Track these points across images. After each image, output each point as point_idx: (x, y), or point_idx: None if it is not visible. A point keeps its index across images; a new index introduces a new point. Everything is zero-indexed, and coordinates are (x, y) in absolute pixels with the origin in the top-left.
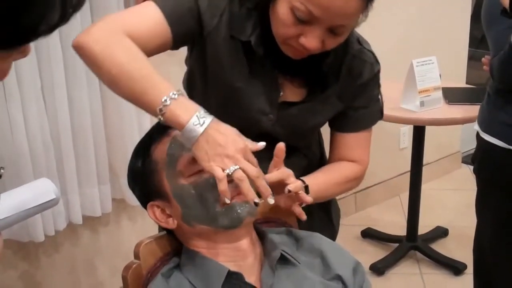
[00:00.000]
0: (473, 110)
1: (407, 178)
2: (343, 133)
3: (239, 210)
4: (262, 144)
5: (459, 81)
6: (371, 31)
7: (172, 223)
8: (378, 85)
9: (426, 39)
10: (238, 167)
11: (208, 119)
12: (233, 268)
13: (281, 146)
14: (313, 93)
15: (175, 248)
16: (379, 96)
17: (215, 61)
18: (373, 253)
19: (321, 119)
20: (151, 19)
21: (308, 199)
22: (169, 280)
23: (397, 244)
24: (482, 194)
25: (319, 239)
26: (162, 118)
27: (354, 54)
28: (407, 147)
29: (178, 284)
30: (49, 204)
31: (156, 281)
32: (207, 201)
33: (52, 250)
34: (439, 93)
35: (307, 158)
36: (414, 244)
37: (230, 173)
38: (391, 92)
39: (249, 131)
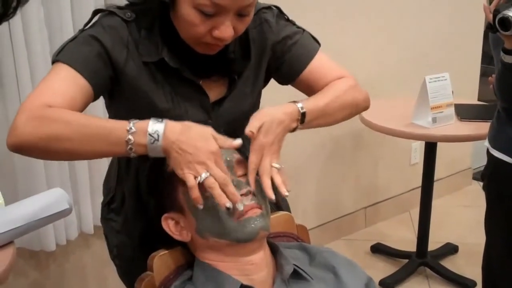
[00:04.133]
0: (485, 127)
1: (417, 194)
2: (301, 73)
3: (253, 224)
4: (238, 142)
5: (471, 98)
6: (385, 47)
7: (186, 236)
8: (289, 22)
9: (439, 56)
10: (209, 174)
11: (161, 129)
12: (245, 282)
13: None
14: (233, 81)
15: (188, 260)
16: (299, 28)
17: (137, 93)
18: (382, 269)
19: (252, 99)
20: (67, 82)
21: (285, 193)
22: None
23: (406, 260)
24: (491, 210)
25: (332, 254)
26: (135, 155)
27: (253, 26)
28: (418, 163)
29: None
30: (62, 214)
31: None
32: (221, 214)
33: (63, 259)
34: (452, 110)
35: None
36: (424, 260)
37: (201, 181)
38: (404, 108)
39: None
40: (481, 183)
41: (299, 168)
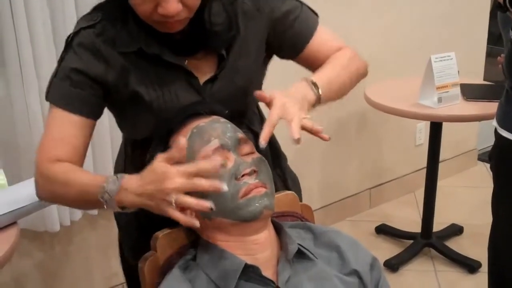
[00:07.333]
0: (491, 107)
1: (422, 175)
2: (304, 48)
3: (257, 203)
4: (182, 142)
5: (477, 78)
6: (391, 26)
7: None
8: None
9: (445, 35)
10: (174, 197)
11: (114, 189)
12: (250, 261)
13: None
14: (221, 56)
15: (192, 240)
16: (298, 1)
17: (127, 91)
18: (387, 250)
19: (248, 72)
20: (63, 125)
21: (326, 137)
22: (186, 272)
23: (411, 241)
24: (498, 191)
25: (336, 234)
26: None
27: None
28: (423, 144)
29: (194, 276)
30: None
31: (173, 272)
32: (226, 193)
33: (67, 240)
34: (457, 90)
35: (252, 134)
36: (429, 241)
37: (174, 205)
38: (409, 88)
39: None
40: (487, 164)
41: (303, 149)
